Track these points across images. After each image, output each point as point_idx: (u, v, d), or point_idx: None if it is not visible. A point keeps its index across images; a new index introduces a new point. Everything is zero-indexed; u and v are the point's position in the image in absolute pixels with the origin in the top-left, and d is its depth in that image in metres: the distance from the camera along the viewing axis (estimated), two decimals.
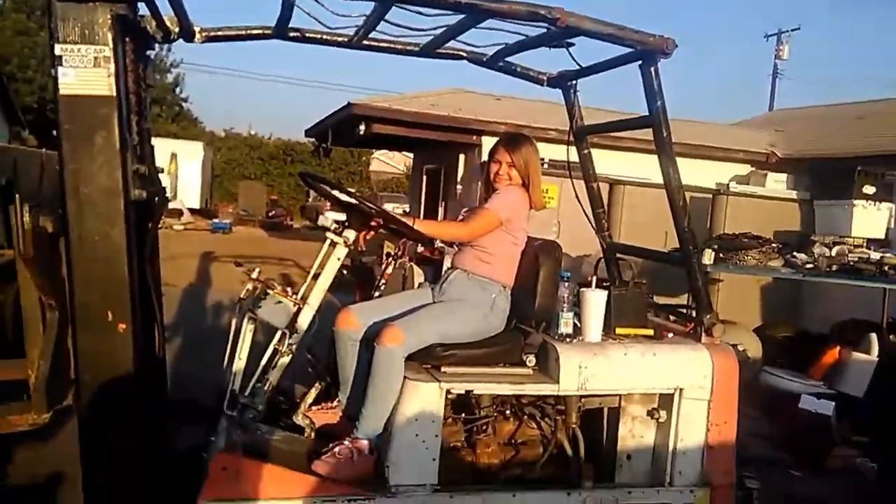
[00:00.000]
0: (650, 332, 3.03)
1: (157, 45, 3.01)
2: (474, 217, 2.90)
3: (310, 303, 2.77)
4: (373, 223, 2.80)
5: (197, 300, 9.79)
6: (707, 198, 8.90)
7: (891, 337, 6.38)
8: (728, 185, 9.27)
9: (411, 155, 16.05)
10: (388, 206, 3.02)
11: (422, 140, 10.39)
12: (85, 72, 2.31)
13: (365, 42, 3.28)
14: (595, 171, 3.61)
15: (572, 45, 3.01)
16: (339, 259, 2.81)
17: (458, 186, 9.97)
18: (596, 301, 2.89)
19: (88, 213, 2.35)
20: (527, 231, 3.00)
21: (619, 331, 3.00)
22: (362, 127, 8.93)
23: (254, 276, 2.75)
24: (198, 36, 3.13)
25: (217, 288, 10.63)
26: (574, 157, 3.53)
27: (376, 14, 2.74)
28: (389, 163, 33.96)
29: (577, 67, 3.23)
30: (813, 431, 5.54)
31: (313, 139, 13.42)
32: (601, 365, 2.77)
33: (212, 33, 3.17)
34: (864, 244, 6.76)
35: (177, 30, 2.95)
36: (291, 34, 3.24)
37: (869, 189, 6.86)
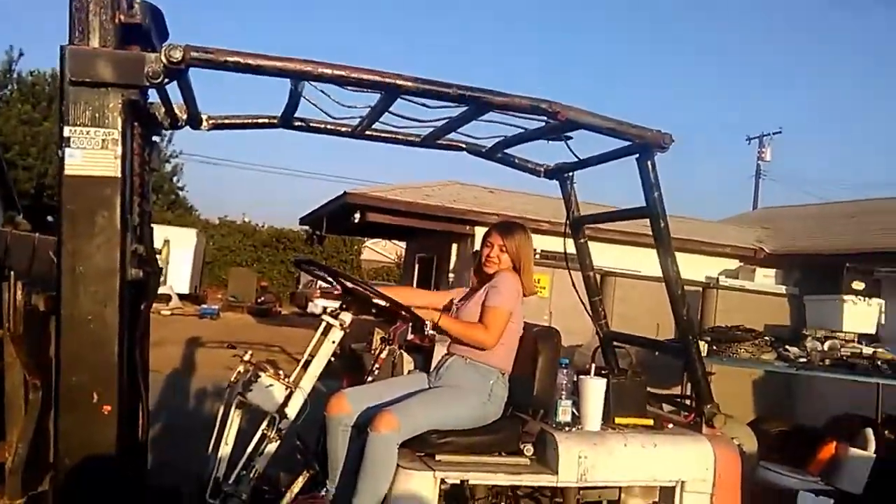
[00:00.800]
0: (650, 422, 2.97)
1: (163, 131, 3.08)
2: (491, 321, 2.83)
3: (302, 387, 2.72)
4: (376, 309, 2.78)
5: (180, 387, 9.56)
6: (697, 291, 8.95)
7: (886, 432, 6.28)
8: (717, 279, 9.35)
9: (402, 244, 16.18)
10: None
11: (415, 230, 10.51)
12: (92, 153, 2.34)
13: (368, 132, 3.37)
14: (592, 260, 3.64)
15: (570, 137, 3.09)
16: (334, 342, 2.78)
17: (451, 275, 10.01)
18: (595, 389, 2.85)
19: (83, 292, 2.32)
20: (523, 316, 2.98)
21: (618, 420, 2.94)
22: (357, 215, 9.04)
23: (246, 358, 2.70)
24: (205, 123, 3.22)
25: (201, 374, 10.41)
26: (570, 247, 3.56)
27: (381, 105, 2.82)
28: (380, 252, 34.20)
29: (575, 160, 3.31)
30: None
31: (307, 227, 13.54)
32: (601, 455, 2.70)
33: (218, 121, 3.26)
34: (856, 339, 6.76)
35: (184, 117, 3.04)
36: (297, 123, 3.33)
37: (858, 285, 6.92)
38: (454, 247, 9.93)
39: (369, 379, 3.33)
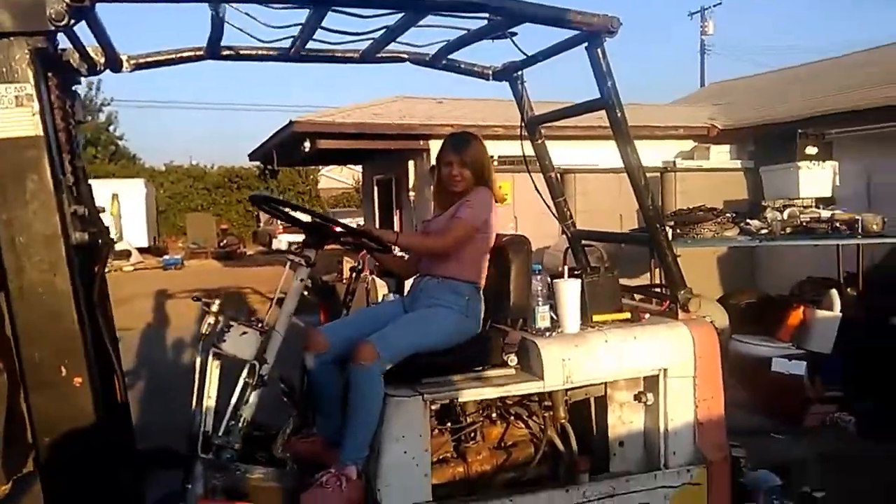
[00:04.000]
0: (627, 315, 2.98)
1: (83, 78, 2.86)
2: (452, 229, 2.78)
3: (277, 329, 2.65)
4: (343, 239, 2.70)
5: (155, 342, 9.47)
6: (656, 176, 8.98)
7: (848, 290, 6.52)
8: (674, 161, 9.39)
9: (359, 168, 15.89)
10: (344, 221, 2.90)
11: (369, 151, 10.28)
12: (7, 113, 2.15)
13: (302, 53, 3.18)
14: (552, 160, 3.57)
15: (515, 34, 2.96)
16: (302, 280, 2.69)
17: (411, 194, 9.89)
18: (571, 291, 2.83)
19: (27, 263, 2.18)
20: (496, 227, 2.93)
21: (596, 318, 2.95)
22: (307, 144, 8.77)
23: (213, 308, 2.61)
24: (125, 64, 3.01)
25: (175, 326, 10.32)
26: (529, 150, 3.48)
27: (312, 22, 2.64)
28: (338, 178, 33.66)
29: (522, 57, 3.19)
30: (788, 393, 5.61)
31: (258, 162, 13.16)
32: (583, 355, 2.71)
33: (140, 60, 3.04)
34: (813, 204, 6.89)
35: (102, 60, 2.83)
36: (225, 52, 3.12)
37: (811, 150, 6.99)
38: (411, 164, 9.77)
39: (345, 312, 3.28)
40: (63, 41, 2.57)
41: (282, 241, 23.02)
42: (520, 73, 3.41)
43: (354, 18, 2.57)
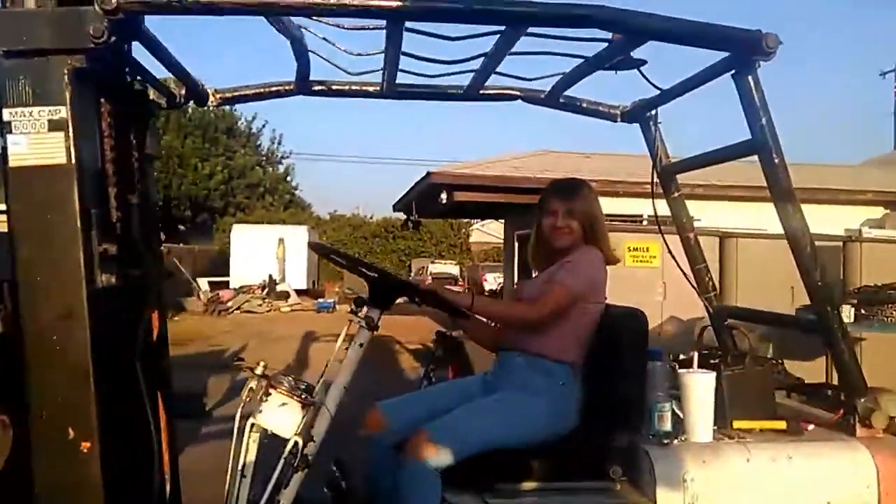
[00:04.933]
0: (782, 424, 2.24)
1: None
2: (547, 295, 2.23)
3: (327, 404, 2.22)
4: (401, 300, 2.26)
5: None
6: (837, 246, 7.79)
7: None
8: (860, 230, 8.12)
9: None
10: (490, 276, 2.45)
11: (511, 206, 9.90)
12: (37, 138, 1.93)
13: (399, 89, 2.85)
14: (690, 218, 2.92)
15: (643, 62, 2.41)
16: (361, 346, 2.26)
17: None
18: (702, 386, 2.16)
19: (43, 305, 1.92)
20: (605, 297, 2.35)
21: (737, 424, 2.24)
22: (443, 196, 8.53)
23: (258, 371, 2.23)
24: (212, 98, 2.83)
25: (311, 370, 10.37)
26: (663, 209, 2.87)
27: (391, 47, 2.27)
28: (490, 233, 33.64)
29: (656, 93, 2.63)
30: None
31: (401, 213, 13.24)
32: (714, 475, 2.03)
33: (227, 94, 2.85)
34: None
35: (183, 92, 2.65)
36: (316, 87, 2.87)
37: None
38: None
39: (424, 384, 2.79)
40: (159, 71, 2.41)
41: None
42: (653, 112, 2.84)
43: (446, 44, 2.18)
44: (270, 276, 22.27)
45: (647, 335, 2.22)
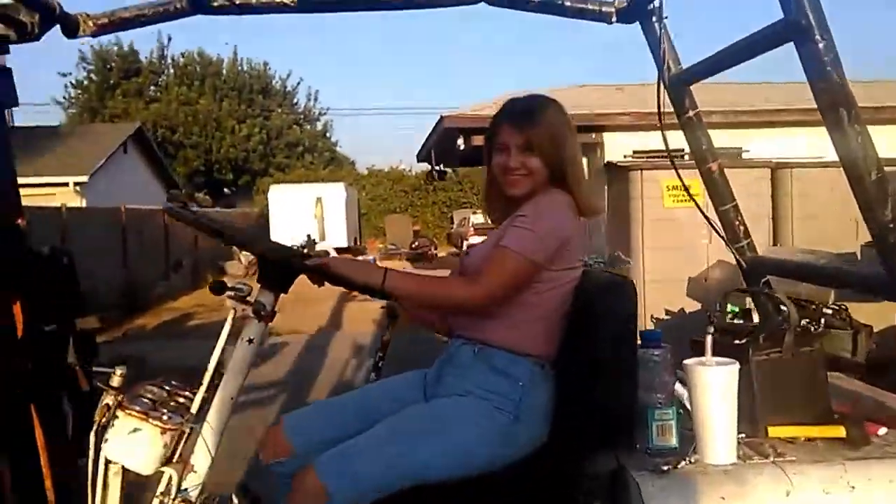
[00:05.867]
0: (840, 431, 1.57)
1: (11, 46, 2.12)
2: (491, 265, 1.60)
3: (209, 422, 1.65)
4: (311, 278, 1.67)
5: (316, 350, 9.10)
6: None
7: None
8: None
9: None
10: None
11: None
12: None
13: (318, 2, 2.20)
14: (712, 145, 2.22)
15: None
16: (251, 342, 1.67)
17: None
18: (719, 382, 1.50)
19: None
20: (581, 259, 1.69)
21: (773, 433, 1.59)
22: (460, 141, 7.81)
23: (114, 382, 1.66)
24: (84, 25, 2.24)
25: (345, 332, 9.96)
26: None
27: None
28: None
29: None
30: None
31: (425, 163, 12.57)
32: None
33: (103, 20, 2.25)
34: None
35: (35, 20, 2.07)
36: (216, 3, 2.25)
37: None
38: (583, 161, 8.43)
39: (372, 376, 2.20)
40: None
41: (473, 243, 22.54)
42: (656, 3, 2.12)
43: None
44: (308, 236, 21.97)
45: (635, 312, 1.56)
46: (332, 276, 1.56)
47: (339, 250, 22.91)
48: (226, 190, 32.24)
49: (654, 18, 2.15)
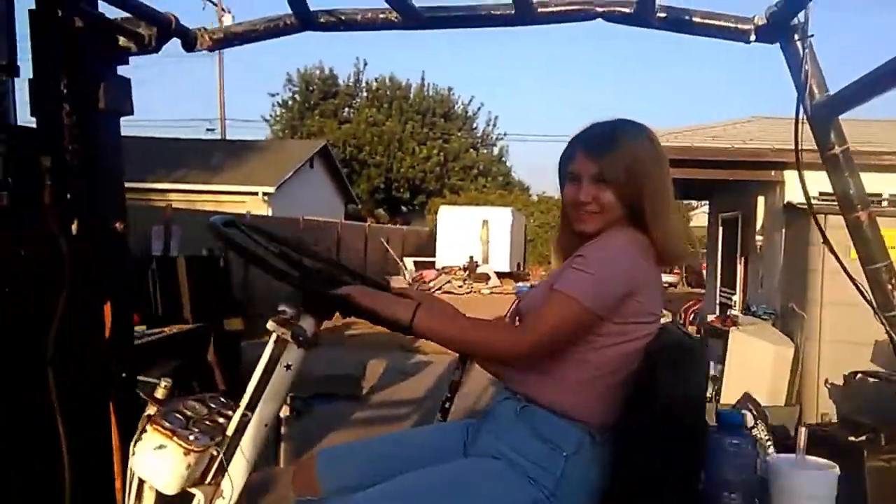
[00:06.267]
0: None
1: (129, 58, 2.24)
2: (542, 310, 1.38)
3: (242, 447, 1.59)
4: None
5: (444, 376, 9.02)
6: None
7: None
8: None
9: None
10: None
11: (714, 182, 8.49)
12: None
13: (430, 15, 2.12)
14: (862, 188, 1.83)
15: None
16: (289, 368, 1.59)
17: (758, 238, 7.76)
18: (809, 490, 1.18)
19: None
20: (657, 314, 1.43)
21: None
22: None
23: (158, 394, 1.64)
24: (201, 39, 2.32)
25: None
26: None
27: None
28: None
29: None
30: None
31: None
32: None
33: (218, 34, 2.32)
34: None
35: (153, 33, 2.17)
36: (322, 19, 2.25)
37: None
38: (760, 200, 7.66)
39: (438, 417, 2.02)
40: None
41: None
42: (800, 20, 1.79)
43: None
44: (471, 258, 22.32)
45: (706, 378, 1.26)
46: (354, 307, 1.43)
47: (500, 275, 22.94)
48: (403, 208, 33.61)
49: (796, 36, 1.82)
